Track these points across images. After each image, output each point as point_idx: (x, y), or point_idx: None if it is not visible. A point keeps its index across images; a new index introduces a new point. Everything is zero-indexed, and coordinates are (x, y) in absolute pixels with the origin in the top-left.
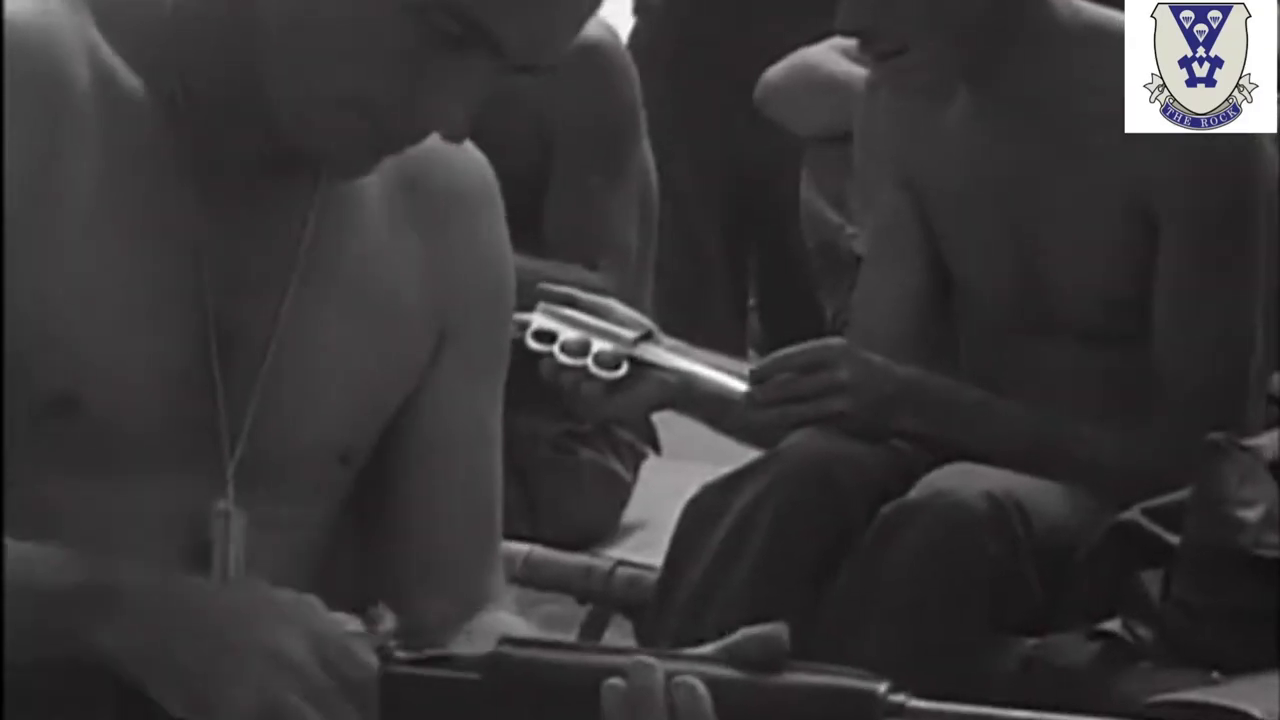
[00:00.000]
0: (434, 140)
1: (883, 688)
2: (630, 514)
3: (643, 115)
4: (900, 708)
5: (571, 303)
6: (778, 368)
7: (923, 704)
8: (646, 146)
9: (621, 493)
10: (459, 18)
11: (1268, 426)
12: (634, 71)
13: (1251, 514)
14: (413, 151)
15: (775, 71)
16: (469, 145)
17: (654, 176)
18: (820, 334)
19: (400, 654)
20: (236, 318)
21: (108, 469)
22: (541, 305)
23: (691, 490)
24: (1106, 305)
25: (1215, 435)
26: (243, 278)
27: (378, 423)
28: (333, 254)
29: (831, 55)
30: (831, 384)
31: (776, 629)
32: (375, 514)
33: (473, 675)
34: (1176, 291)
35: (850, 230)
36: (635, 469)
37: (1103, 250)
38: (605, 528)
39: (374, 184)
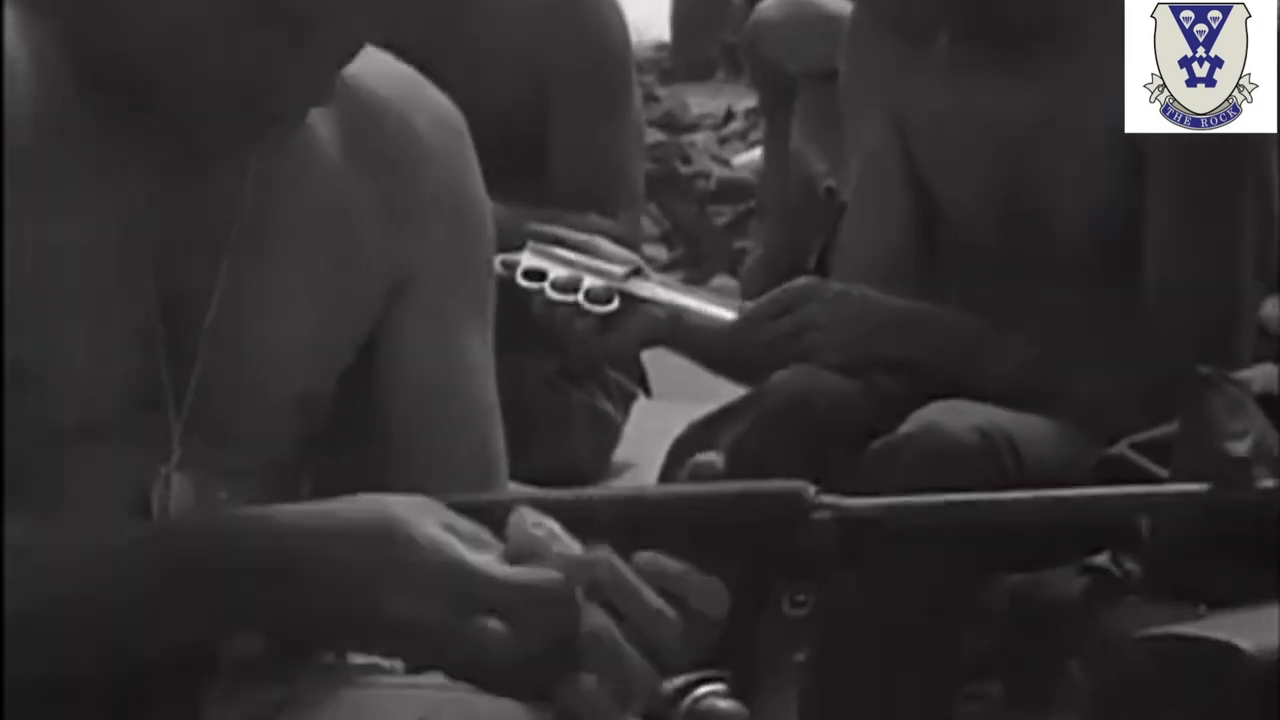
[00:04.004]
0: (393, 87)
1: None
2: (620, 454)
3: (633, 58)
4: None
5: (559, 241)
6: (757, 315)
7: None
8: (637, 90)
9: (612, 433)
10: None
11: (1259, 360)
12: (622, 11)
13: (1240, 447)
14: (368, 99)
15: (767, 7)
16: (433, 91)
17: (644, 118)
18: None
19: None
20: (180, 277)
21: (59, 434)
22: (530, 244)
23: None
24: (1093, 241)
25: (1203, 368)
26: (183, 237)
27: (333, 369)
28: (278, 206)
29: None
30: (803, 323)
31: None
32: (366, 465)
33: None
34: (1165, 227)
35: (830, 182)
36: (626, 410)
37: (1089, 185)
38: (596, 468)
39: (326, 133)
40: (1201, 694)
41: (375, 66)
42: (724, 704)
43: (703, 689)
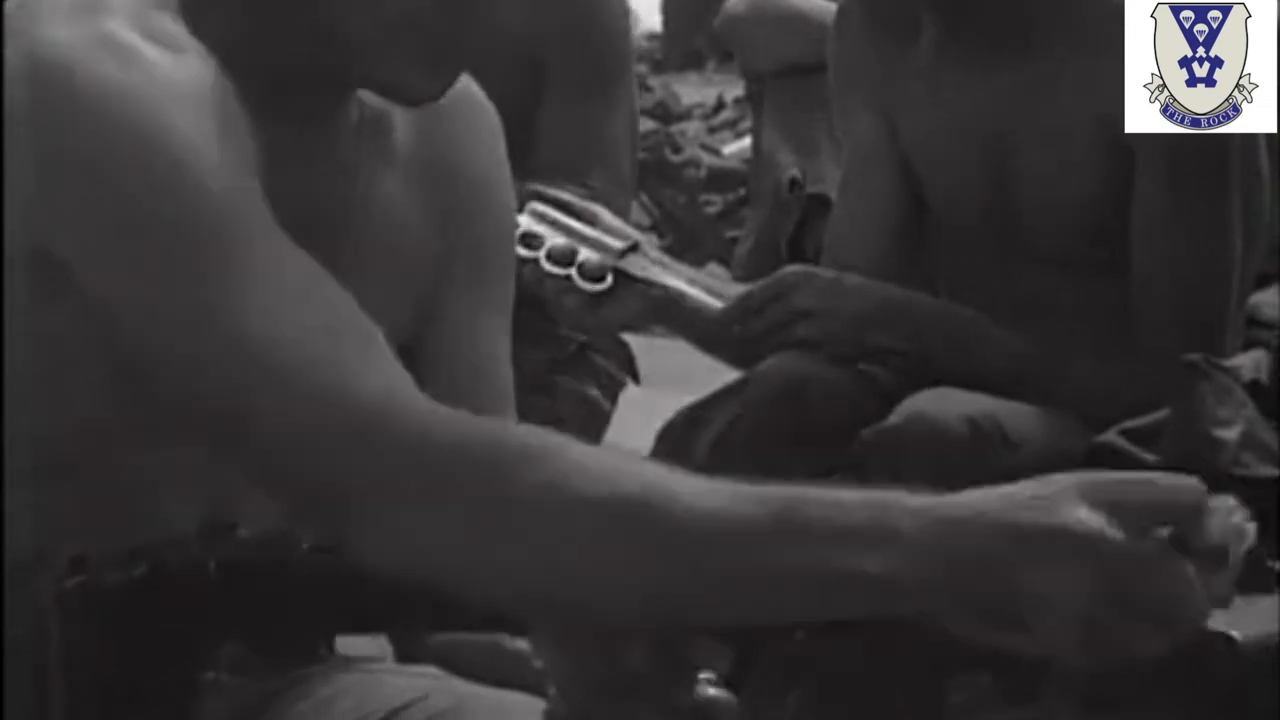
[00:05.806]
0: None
1: None
2: (608, 442)
3: (632, 44)
4: None
5: (562, 206)
6: (742, 307)
7: None
8: (633, 76)
9: (600, 421)
10: None
11: (1246, 348)
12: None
13: (1229, 434)
14: None
15: (736, 3)
16: (475, 87)
17: (638, 108)
18: None
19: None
20: None
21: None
22: (530, 207)
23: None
24: (1081, 232)
25: (1192, 356)
26: (306, 225)
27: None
28: (373, 197)
29: None
30: (791, 312)
31: None
32: None
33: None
34: (1152, 218)
35: (793, 173)
36: (614, 398)
37: (1075, 178)
38: None
39: (399, 126)
40: (1193, 683)
41: None
42: (713, 692)
43: None
